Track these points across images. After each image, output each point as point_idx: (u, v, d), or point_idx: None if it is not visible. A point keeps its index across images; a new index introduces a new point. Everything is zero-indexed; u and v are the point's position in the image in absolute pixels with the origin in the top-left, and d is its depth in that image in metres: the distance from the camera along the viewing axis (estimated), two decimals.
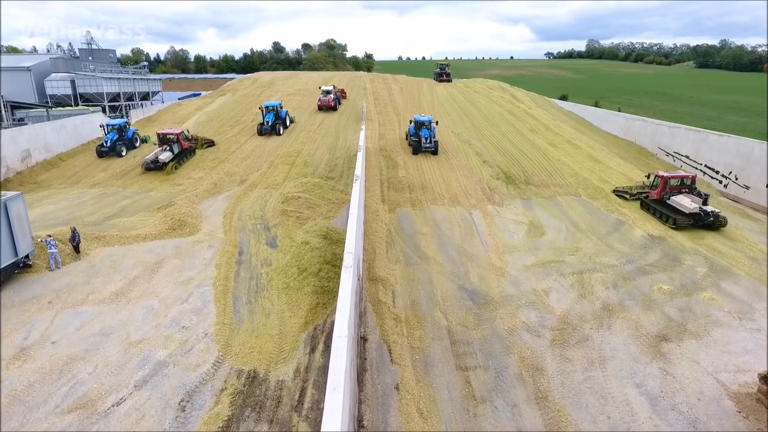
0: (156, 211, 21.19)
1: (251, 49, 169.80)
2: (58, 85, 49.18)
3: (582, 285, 14.70)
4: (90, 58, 56.43)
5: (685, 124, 31.87)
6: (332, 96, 43.79)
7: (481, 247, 17.69)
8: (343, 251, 16.85)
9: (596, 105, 54.78)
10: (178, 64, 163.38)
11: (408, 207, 22.25)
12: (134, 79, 56.62)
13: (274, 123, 34.35)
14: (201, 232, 19.00)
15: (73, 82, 49.59)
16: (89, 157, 30.86)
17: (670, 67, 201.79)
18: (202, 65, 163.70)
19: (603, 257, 16.77)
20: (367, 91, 51.22)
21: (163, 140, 28.82)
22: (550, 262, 16.32)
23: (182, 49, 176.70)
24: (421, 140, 30.43)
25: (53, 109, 41.68)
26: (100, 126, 32.53)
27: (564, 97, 61.76)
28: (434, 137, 30.85)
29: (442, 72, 64.82)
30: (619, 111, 45.57)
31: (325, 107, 43.17)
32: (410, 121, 32.74)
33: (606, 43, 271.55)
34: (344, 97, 47.86)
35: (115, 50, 63.00)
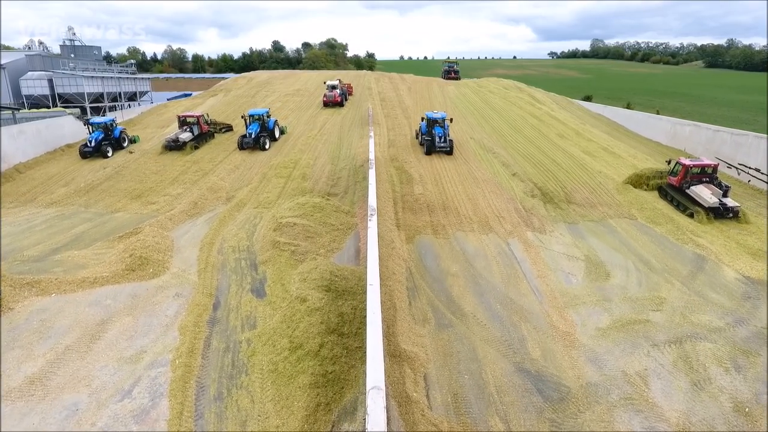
0: (117, 241, 17.00)
1: (250, 48, 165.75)
2: (34, 84, 44.97)
3: (689, 364, 10.49)
4: (72, 55, 52.14)
5: (718, 126, 27.90)
6: (338, 91, 40.55)
7: (533, 297, 13.48)
8: (353, 306, 12.67)
9: (627, 107, 50.52)
10: (176, 63, 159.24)
11: (429, 234, 18.06)
12: (120, 78, 52.33)
13: (259, 135, 28.89)
14: (168, 273, 14.79)
15: (51, 81, 45.38)
16: (54, 166, 26.70)
17: (679, 67, 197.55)
18: (199, 64, 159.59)
19: (700, 314, 12.55)
20: (372, 91, 47.03)
21: (183, 122, 30.02)
22: (631, 323, 12.11)
23: (179, 48, 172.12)
24: (434, 139, 27.44)
25: (20, 111, 37.48)
26: (85, 124, 29.87)
27: (588, 98, 57.44)
28: (449, 135, 27.89)
29: (450, 69, 61.20)
30: (658, 113, 41.42)
31: (331, 103, 39.88)
32: (422, 119, 29.96)
33: (611, 42, 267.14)
34: (350, 93, 44.88)
35: (100, 47, 58.74)
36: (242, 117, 30.69)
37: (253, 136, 28.59)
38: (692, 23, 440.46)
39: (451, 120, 29.90)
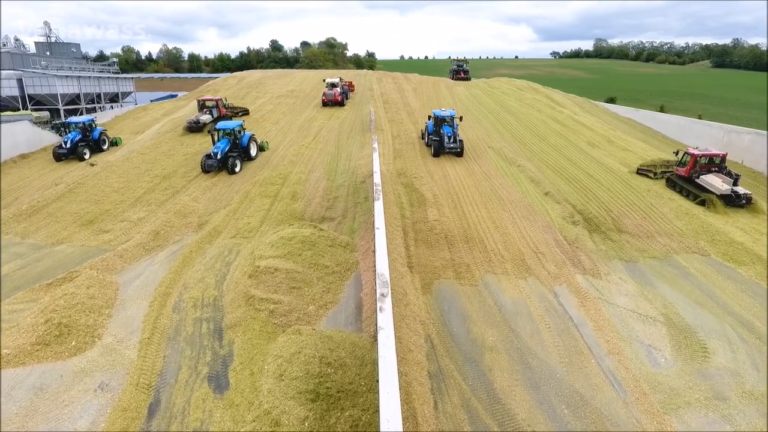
0: (44, 291, 12.98)
1: (248, 47, 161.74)
2: (2, 84, 40.92)
3: None
4: (48, 53, 48.08)
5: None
6: (339, 90, 37.18)
7: (611, 391, 9.41)
8: (353, 420, 8.32)
9: (661, 110, 46.46)
10: (171, 62, 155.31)
11: (450, 279, 14.00)
12: (100, 78, 48.19)
13: (227, 155, 23.03)
14: (97, 346, 10.74)
15: (20, 81, 41.31)
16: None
17: (686, 67, 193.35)
18: (196, 64, 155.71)
19: None
20: (374, 92, 42.97)
21: (203, 106, 31.78)
22: None
23: (175, 47, 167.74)
24: (443, 139, 25.05)
25: None
26: (60, 124, 29.30)
27: (611, 100, 53.30)
28: (458, 135, 25.58)
29: (459, 69, 57.14)
30: (700, 118, 37.27)
31: (331, 102, 36.69)
32: (429, 117, 27.52)
33: (614, 42, 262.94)
34: (352, 90, 41.58)
35: (78, 44, 54.58)
36: (209, 132, 25.01)
37: (219, 156, 22.62)
38: (693, 23, 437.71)
39: (461, 118, 26.79)
